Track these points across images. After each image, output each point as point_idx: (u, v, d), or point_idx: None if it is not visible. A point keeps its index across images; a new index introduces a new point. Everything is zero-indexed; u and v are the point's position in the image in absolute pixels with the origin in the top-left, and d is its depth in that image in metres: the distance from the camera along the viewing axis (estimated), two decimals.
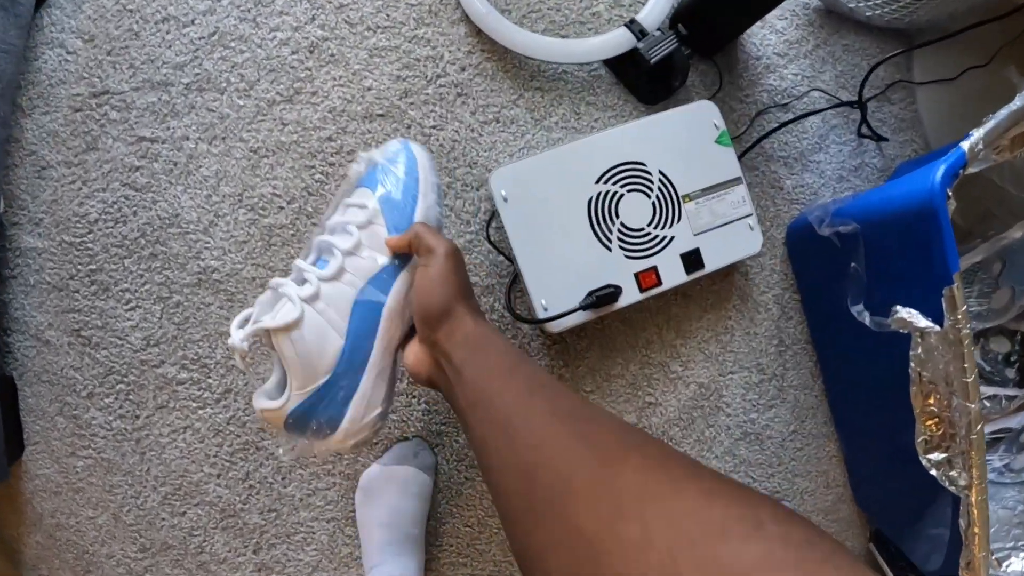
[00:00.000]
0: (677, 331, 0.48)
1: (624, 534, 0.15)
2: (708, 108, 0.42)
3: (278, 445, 0.40)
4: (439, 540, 0.48)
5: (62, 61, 0.49)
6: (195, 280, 0.47)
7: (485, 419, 0.22)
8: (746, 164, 0.48)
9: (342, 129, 0.45)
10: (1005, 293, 0.51)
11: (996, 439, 0.53)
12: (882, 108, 0.55)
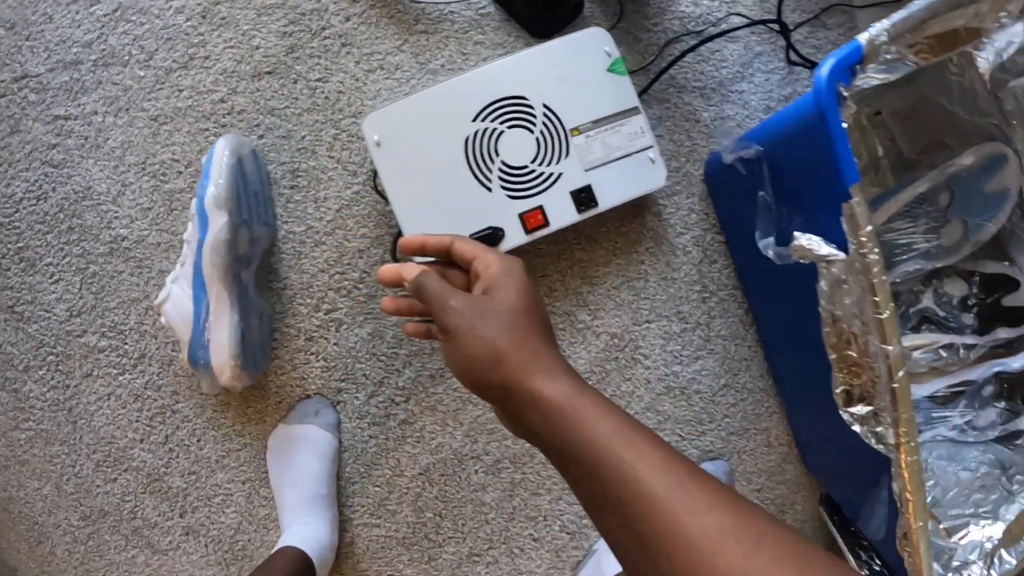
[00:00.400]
0: (583, 277, 0.45)
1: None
2: (598, 35, 0.39)
3: (201, 386, 0.43)
4: (350, 501, 0.48)
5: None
6: (108, 249, 0.49)
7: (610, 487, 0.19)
8: (656, 97, 0.45)
9: (233, 90, 0.45)
10: (956, 227, 0.45)
11: (956, 393, 0.48)
12: (816, 34, 0.50)
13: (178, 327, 0.42)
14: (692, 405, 0.48)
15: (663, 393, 0.47)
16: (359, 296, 0.45)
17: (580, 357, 0.47)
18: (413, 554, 0.49)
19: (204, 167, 0.42)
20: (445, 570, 0.50)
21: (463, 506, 0.48)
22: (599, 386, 0.48)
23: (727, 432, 0.50)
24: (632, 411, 0.49)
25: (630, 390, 0.47)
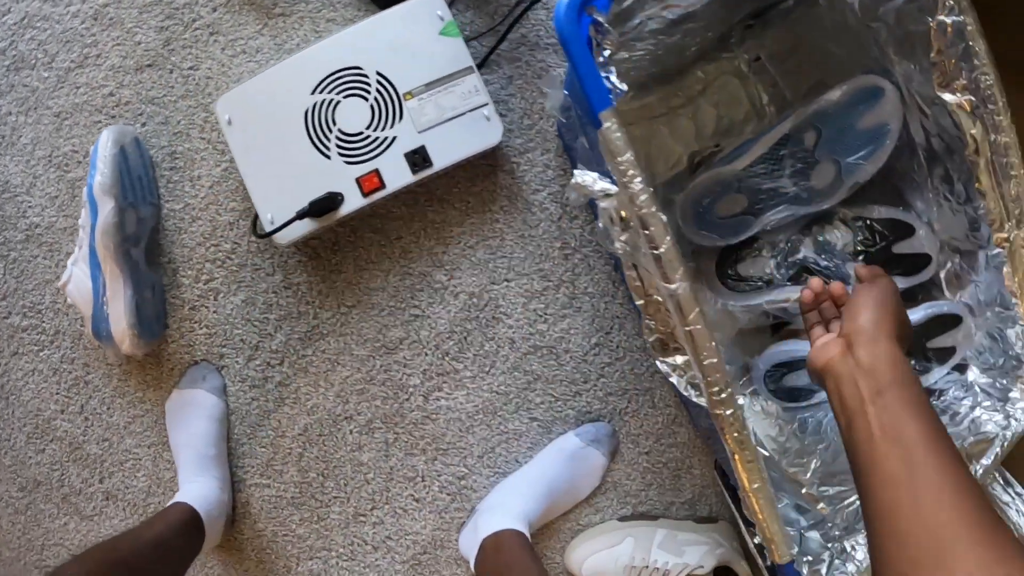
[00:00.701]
0: (437, 238, 0.48)
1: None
2: (431, 1, 0.41)
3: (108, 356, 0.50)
4: (241, 462, 0.52)
5: None
6: (24, 237, 0.55)
7: (900, 458, 0.24)
8: (506, 56, 0.47)
9: (120, 83, 0.50)
10: (827, 169, 0.44)
11: None
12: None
13: (81, 304, 0.48)
14: (563, 365, 0.50)
15: (530, 352, 0.49)
16: (232, 266, 0.49)
17: (440, 318, 0.49)
18: (303, 514, 0.53)
19: (91, 158, 0.48)
20: (334, 530, 0.53)
21: (343, 466, 0.51)
22: (461, 346, 0.50)
23: (604, 393, 0.51)
24: (498, 371, 0.50)
25: (494, 349, 0.49)
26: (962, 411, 0.44)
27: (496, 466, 0.51)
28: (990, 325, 0.43)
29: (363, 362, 0.49)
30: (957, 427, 0.43)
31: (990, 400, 0.42)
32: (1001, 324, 0.41)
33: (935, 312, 0.45)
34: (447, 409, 0.50)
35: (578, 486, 0.52)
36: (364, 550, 0.53)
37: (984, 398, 0.43)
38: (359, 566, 0.54)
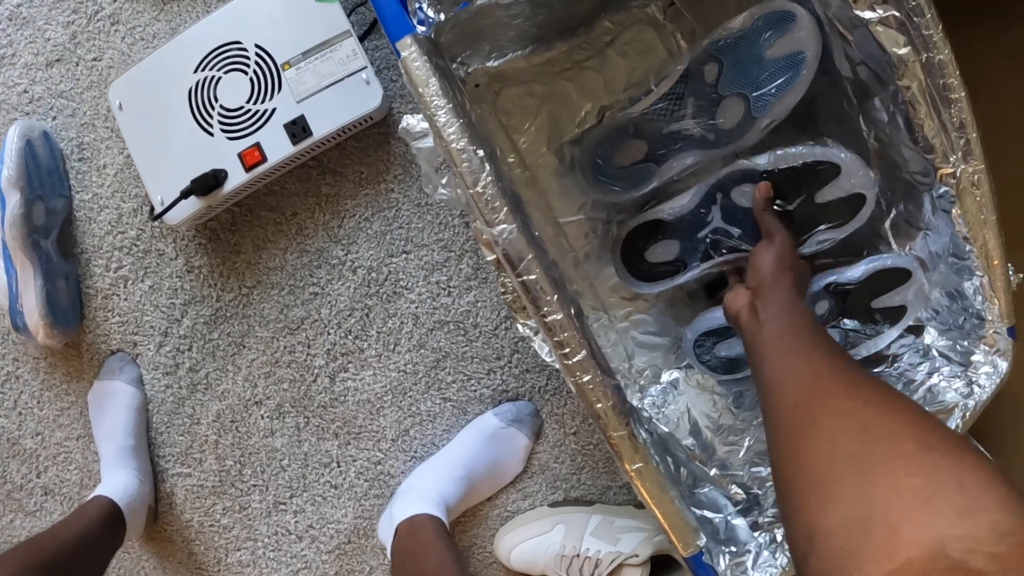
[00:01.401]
0: (332, 212, 0.49)
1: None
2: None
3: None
4: (161, 451, 0.55)
5: None
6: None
7: (781, 348, 0.31)
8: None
9: (32, 80, 0.54)
10: (734, 105, 0.41)
11: None
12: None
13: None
14: (472, 340, 0.50)
15: (435, 328, 0.50)
16: (138, 252, 0.52)
17: (340, 295, 0.51)
18: (225, 503, 0.55)
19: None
20: (257, 519, 0.56)
21: (257, 452, 0.53)
22: (364, 324, 0.51)
23: (520, 369, 0.51)
24: (404, 349, 0.50)
25: (397, 326, 0.50)
26: (918, 378, 0.42)
27: (412, 450, 0.52)
28: (945, 280, 0.40)
29: (267, 344, 0.51)
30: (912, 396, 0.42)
31: (950, 365, 0.40)
32: (957, 276, 0.39)
33: (879, 267, 0.43)
34: (355, 391, 0.51)
35: (500, 469, 0.52)
36: (288, 540, 0.55)
37: (943, 363, 0.41)
38: (285, 556, 0.56)
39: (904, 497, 0.19)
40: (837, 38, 0.39)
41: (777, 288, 0.36)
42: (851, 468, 0.22)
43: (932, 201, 0.39)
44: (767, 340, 0.33)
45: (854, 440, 0.23)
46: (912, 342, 0.44)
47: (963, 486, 0.19)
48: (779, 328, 0.33)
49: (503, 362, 0.50)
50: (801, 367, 0.29)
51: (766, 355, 0.32)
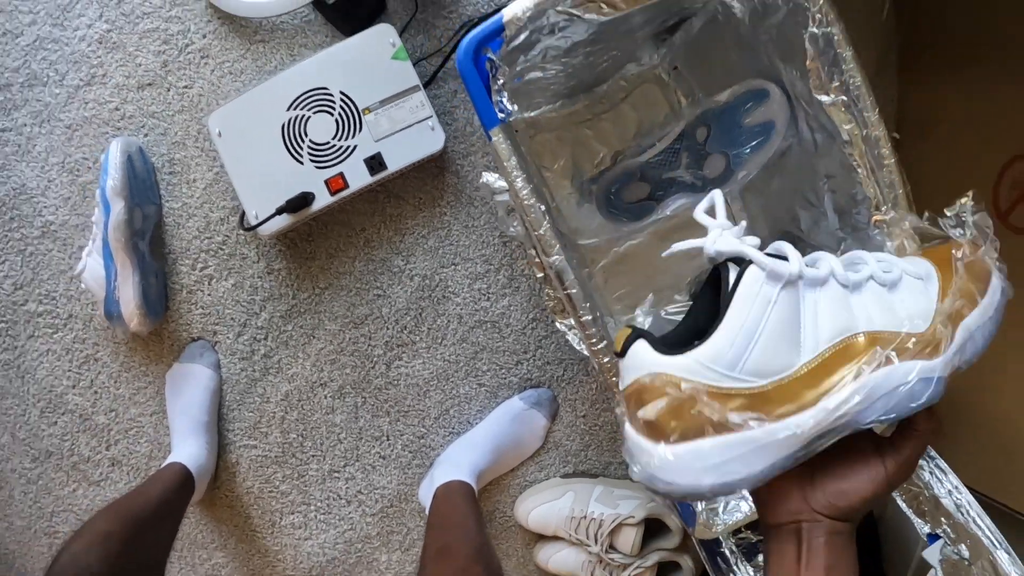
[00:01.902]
0: (395, 229, 0.62)
1: None
2: (384, 30, 0.56)
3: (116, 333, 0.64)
4: (231, 426, 0.66)
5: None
6: (40, 233, 0.71)
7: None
8: (451, 74, 0.61)
9: (124, 100, 0.65)
10: (718, 160, 0.56)
11: None
12: None
13: (95, 289, 0.63)
14: (505, 337, 0.64)
15: (476, 326, 0.63)
16: (223, 255, 0.64)
17: (398, 297, 0.63)
18: (285, 471, 0.68)
19: (103, 164, 0.62)
20: (312, 485, 0.68)
21: (318, 427, 0.65)
22: (417, 320, 0.63)
23: (543, 362, 0.65)
24: (449, 343, 0.64)
25: (444, 324, 0.63)
26: None
27: (450, 426, 0.66)
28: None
29: (334, 335, 0.63)
30: None
31: None
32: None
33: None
34: (406, 376, 0.64)
35: (523, 445, 0.66)
36: (339, 504, 0.68)
37: None
38: (334, 518, 0.69)
39: None
40: (801, 110, 0.54)
41: (843, 535, 0.27)
42: None
43: (871, 238, 0.55)
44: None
45: None
46: None
47: None
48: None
49: (529, 355, 0.64)
50: None
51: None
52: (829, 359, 0.23)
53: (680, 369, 0.22)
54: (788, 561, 0.26)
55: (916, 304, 0.25)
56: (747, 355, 0.22)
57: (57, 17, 0.68)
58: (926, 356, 0.24)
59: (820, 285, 0.24)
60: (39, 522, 0.74)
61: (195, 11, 0.63)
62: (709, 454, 0.22)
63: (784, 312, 0.23)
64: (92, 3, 0.67)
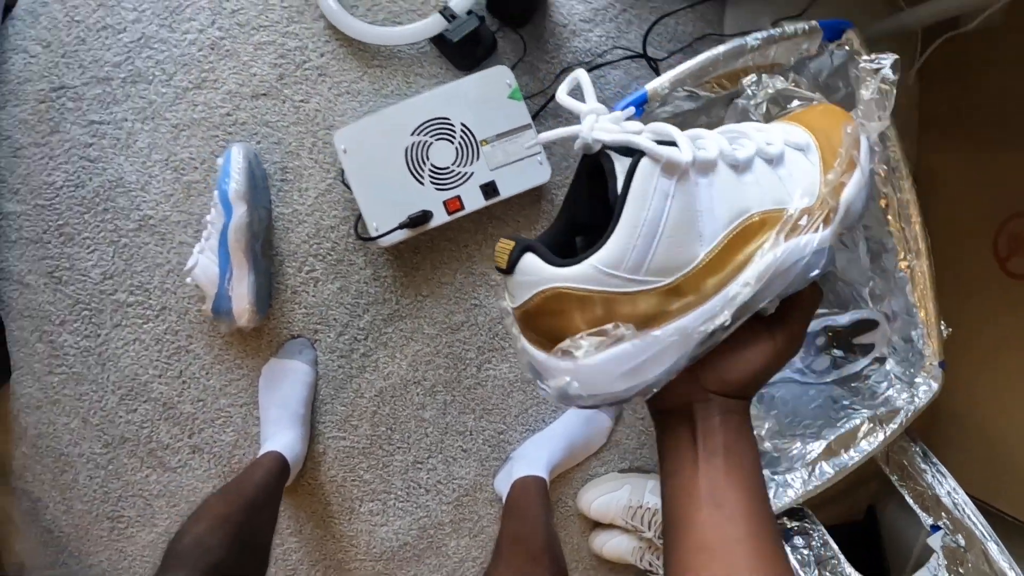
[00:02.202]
0: (492, 248, 0.72)
1: None
2: (501, 71, 0.63)
3: (220, 328, 0.68)
4: (323, 419, 0.72)
5: (26, 63, 0.76)
6: (137, 226, 0.74)
7: (720, 526, 0.24)
8: (552, 112, 0.69)
9: (236, 107, 0.68)
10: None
11: None
12: (688, 59, 0.77)
13: (205, 286, 0.65)
14: None
15: None
16: (331, 260, 0.69)
17: (493, 307, 0.71)
18: (371, 461, 0.74)
19: (223, 167, 0.65)
20: (395, 475, 0.75)
21: (408, 422, 0.72)
22: (490, 341, 0.71)
23: None
24: None
25: None
26: (879, 391, 0.63)
27: (528, 424, 0.74)
28: (901, 328, 0.62)
29: (432, 339, 0.70)
30: (874, 402, 0.68)
31: (900, 383, 0.62)
32: (909, 328, 0.61)
33: (859, 316, 0.73)
34: (494, 378, 0.72)
35: (590, 443, 0.76)
36: (418, 492, 0.75)
37: (896, 382, 0.63)
38: (412, 506, 0.76)
39: None
40: None
41: (738, 413, 0.27)
42: None
43: (895, 280, 0.68)
44: (705, 497, 0.25)
45: None
46: (878, 367, 0.66)
47: None
48: (720, 485, 0.25)
49: None
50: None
51: (697, 526, 0.25)
52: (729, 244, 0.23)
53: (580, 280, 0.21)
54: (684, 446, 0.26)
55: (802, 178, 0.25)
56: (651, 255, 0.21)
57: (165, 18, 0.71)
58: (817, 229, 0.24)
59: (711, 170, 0.23)
60: (103, 506, 0.77)
61: (313, 30, 0.69)
62: (622, 360, 0.21)
63: (682, 203, 0.22)
64: (204, 9, 0.71)
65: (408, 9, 0.68)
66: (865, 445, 0.60)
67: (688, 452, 0.25)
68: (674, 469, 0.26)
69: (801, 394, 0.70)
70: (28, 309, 0.73)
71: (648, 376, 0.22)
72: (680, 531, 0.25)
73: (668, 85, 0.53)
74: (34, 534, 0.77)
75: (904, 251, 0.62)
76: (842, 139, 0.25)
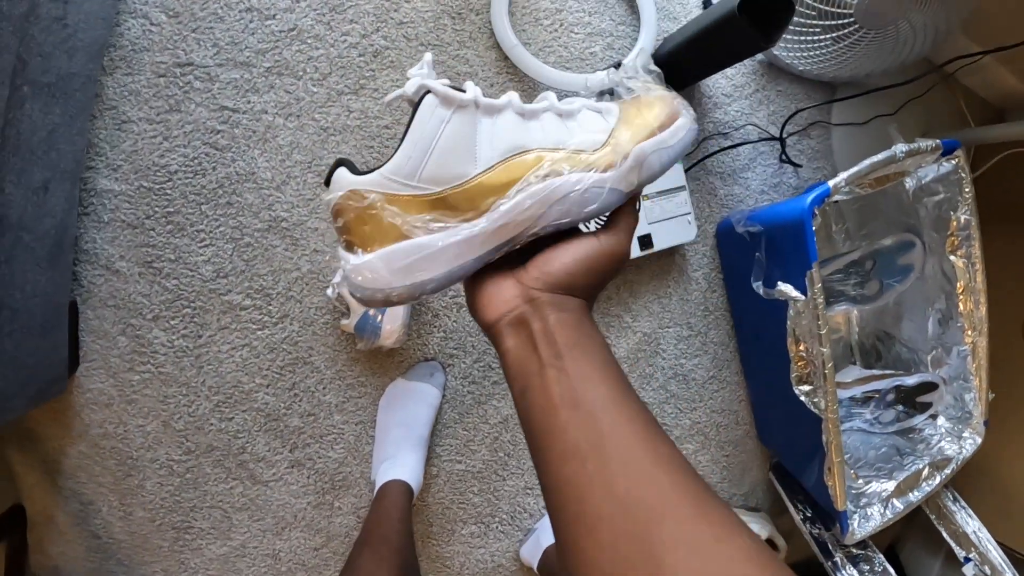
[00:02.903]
0: (630, 292, 0.71)
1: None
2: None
3: (357, 344, 0.64)
4: (441, 442, 0.69)
5: (145, 31, 0.66)
6: (266, 226, 0.67)
7: (582, 426, 0.22)
8: (691, 176, 0.73)
9: (396, 121, 0.66)
10: (875, 284, 0.80)
11: (869, 397, 0.88)
12: (802, 141, 0.87)
13: (354, 301, 0.62)
14: (689, 388, 0.77)
15: (672, 377, 0.76)
16: None
17: (620, 346, 0.73)
18: (482, 485, 0.75)
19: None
20: (504, 500, 0.76)
21: (526, 449, 0.74)
22: (630, 368, 0.73)
23: (710, 410, 0.81)
24: (650, 388, 0.75)
25: (650, 373, 0.74)
26: (933, 442, 0.74)
27: None
28: (956, 391, 0.75)
29: None
30: (930, 451, 0.75)
31: (951, 437, 0.74)
32: (963, 390, 0.74)
33: (922, 379, 0.86)
34: None
35: None
36: (522, 516, 0.77)
37: (947, 435, 0.74)
38: (514, 529, 0.77)
39: None
40: (932, 257, 0.80)
41: (573, 311, 0.25)
42: None
43: (958, 352, 0.79)
44: (559, 402, 0.23)
45: None
46: (932, 422, 0.77)
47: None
48: (573, 384, 0.23)
49: (702, 404, 0.77)
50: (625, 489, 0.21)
51: (559, 433, 0.22)
52: (502, 170, 0.26)
53: (368, 184, 0.25)
54: (524, 355, 0.24)
55: (590, 130, 0.28)
56: (423, 166, 0.25)
57: (323, 14, 0.67)
58: (598, 170, 0.27)
59: (497, 112, 0.26)
60: (170, 515, 0.70)
61: (485, 59, 0.68)
62: (396, 257, 0.25)
63: (458, 129, 0.25)
64: (368, 14, 0.68)
65: (577, 56, 0.71)
66: (926, 487, 0.72)
67: (531, 361, 0.24)
68: (523, 385, 0.24)
69: (867, 441, 0.81)
70: (113, 298, 0.66)
71: (421, 276, 0.25)
72: (543, 445, 0.23)
73: (844, 183, 0.61)
74: (78, 538, 0.69)
75: (971, 329, 0.76)
76: (656, 114, 0.29)
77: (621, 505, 0.21)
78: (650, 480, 0.21)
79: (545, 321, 0.25)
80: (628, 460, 0.21)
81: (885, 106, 0.82)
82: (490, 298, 0.26)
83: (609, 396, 0.23)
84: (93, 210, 0.66)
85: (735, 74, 0.79)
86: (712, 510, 0.20)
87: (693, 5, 0.75)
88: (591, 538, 0.21)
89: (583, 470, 0.22)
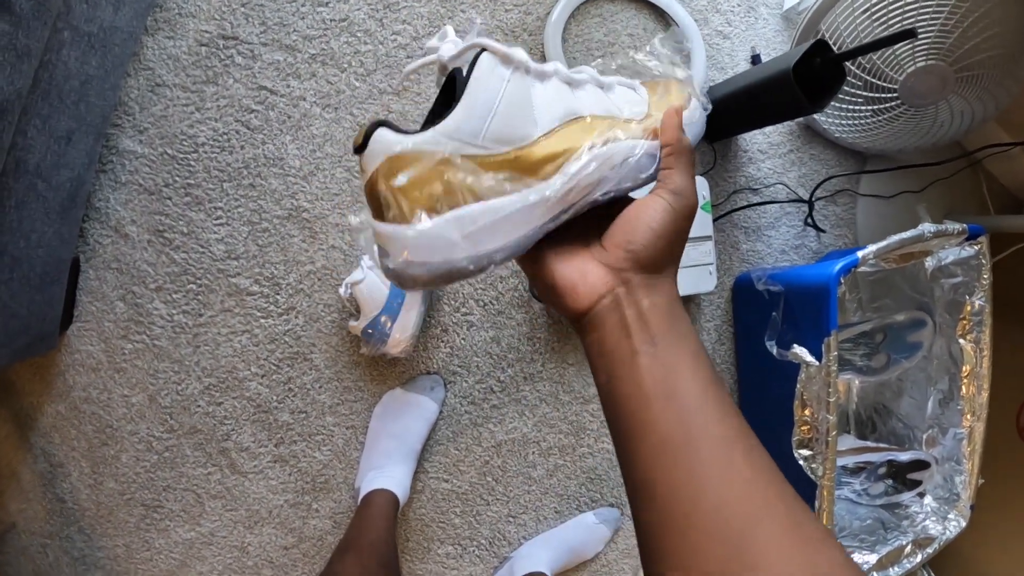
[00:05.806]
0: None
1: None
2: (701, 182, 0.65)
3: (361, 347, 0.61)
4: (431, 458, 0.66)
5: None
6: (286, 214, 0.64)
7: (674, 420, 0.21)
8: (717, 226, 0.71)
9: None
10: (883, 357, 0.80)
11: (860, 468, 0.88)
12: (828, 207, 0.87)
13: (366, 304, 0.57)
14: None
15: None
16: (492, 309, 0.64)
17: None
18: (465, 507, 0.72)
19: None
20: (485, 524, 0.74)
21: (515, 477, 0.72)
22: None
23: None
24: None
25: None
26: (918, 520, 0.72)
27: (622, 498, 0.79)
28: (946, 472, 0.73)
29: (563, 406, 0.67)
30: (914, 528, 0.72)
31: (936, 517, 0.72)
32: (954, 472, 0.73)
33: (914, 456, 0.86)
34: (607, 451, 0.74)
35: (586, 549, 0.71)
36: (501, 543, 0.75)
37: (932, 514, 0.72)
38: (491, 556, 0.75)
39: None
40: (941, 338, 0.81)
41: (664, 277, 0.24)
42: None
43: (954, 434, 0.77)
44: (653, 390, 0.22)
45: None
46: (919, 500, 0.75)
47: None
48: (667, 374, 0.22)
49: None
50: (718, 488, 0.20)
51: (652, 423, 0.21)
52: (563, 132, 0.25)
53: (424, 143, 0.21)
54: (614, 341, 0.22)
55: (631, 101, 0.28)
56: (487, 125, 0.23)
57: (377, 9, 0.66)
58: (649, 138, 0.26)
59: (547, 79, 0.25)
60: (141, 491, 0.66)
61: None
62: (466, 222, 0.22)
63: (516, 90, 0.24)
64: (422, 17, 0.67)
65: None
66: (907, 563, 0.71)
67: (622, 348, 0.23)
68: (611, 374, 0.23)
69: (853, 511, 0.81)
70: (118, 262, 0.64)
71: (489, 245, 0.22)
72: (634, 435, 0.22)
73: (873, 255, 0.61)
74: (41, 499, 0.66)
75: (970, 413, 0.76)
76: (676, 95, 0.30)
77: (714, 509, 0.20)
78: (744, 480, 0.20)
79: (638, 306, 0.23)
80: (724, 457, 0.21)
81: (912, 183, 0.82)
82: (575, 284, 0.23)
83: (701, 389, 0.22)
84: (111, 169, 0.64)
85: (772, 131, 0.79)
86: (804, 520, 0.20)
87: (741, 58, 0.75)
88: (682, 540, 0.20)
89: (675, 468, 0.21)
